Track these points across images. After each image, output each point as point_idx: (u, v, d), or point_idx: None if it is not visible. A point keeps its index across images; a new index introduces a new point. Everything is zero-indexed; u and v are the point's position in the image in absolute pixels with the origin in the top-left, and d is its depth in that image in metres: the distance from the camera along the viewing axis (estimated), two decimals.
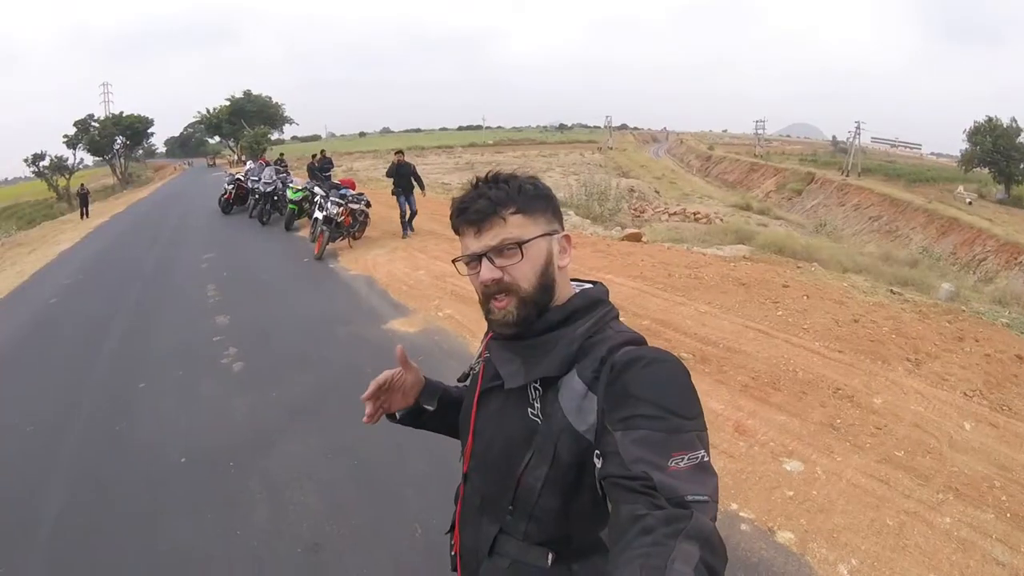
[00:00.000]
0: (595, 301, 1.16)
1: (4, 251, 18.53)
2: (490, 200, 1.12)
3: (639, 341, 1.10)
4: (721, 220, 24.96)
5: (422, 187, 12.20)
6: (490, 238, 1.12)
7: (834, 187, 46.10)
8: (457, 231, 1.18)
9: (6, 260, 16.12)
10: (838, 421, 4.22)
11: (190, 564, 3.11)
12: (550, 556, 1.11)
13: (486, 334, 1.29)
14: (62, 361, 6.47)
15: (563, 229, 1.20)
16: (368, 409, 1.34)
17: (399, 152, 12.37)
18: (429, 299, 7.63)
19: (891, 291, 7.35)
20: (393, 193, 12.03)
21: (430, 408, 1.43)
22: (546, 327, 1.13)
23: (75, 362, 6.36)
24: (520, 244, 1.11)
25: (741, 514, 3.28)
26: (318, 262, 10.45)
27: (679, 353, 5.29)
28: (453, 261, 1.22)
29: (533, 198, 1.14)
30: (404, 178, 11.82)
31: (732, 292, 7.12)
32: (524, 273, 1.11)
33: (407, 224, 12.09)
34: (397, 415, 1.44)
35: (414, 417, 1.45)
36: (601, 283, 1.24)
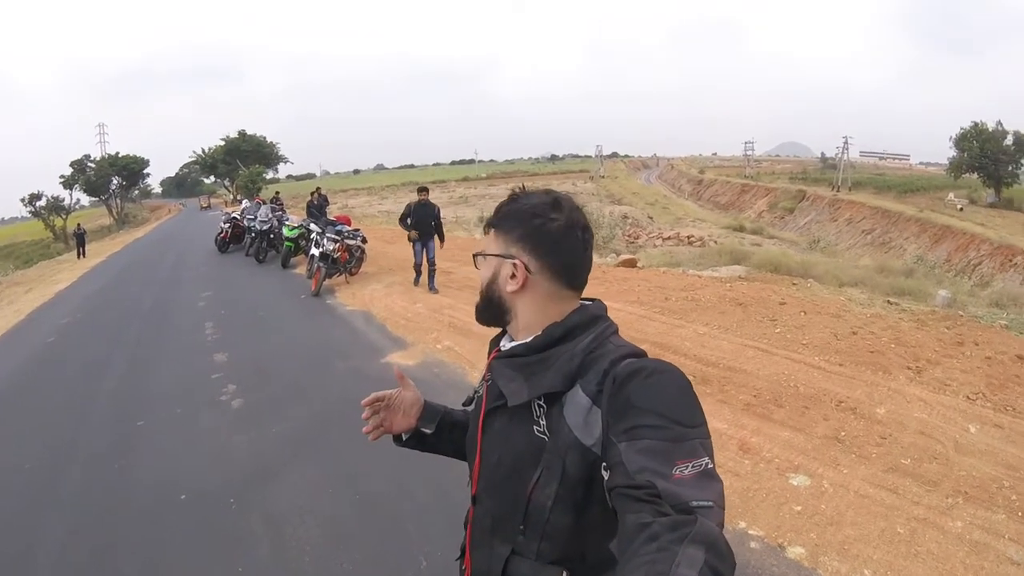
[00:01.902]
0: (594, 317, 1.16)
1: (1, 290, 18.53)
2: (492, 214, 1.23)
3: (640, 354, 1.10)
4: (715, 242, 25.09)
5: (441, 237, 10.39)
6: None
7: (825, 203, 46.41)
8: None
9: (3, 299, 16.11)
10: (842, 433, 4.20)
11: None
12: (564, 575, 1.10)
13: (489, 354, 1.29)
14: (60, 399, 6.42)
15: (531, 259, 1.15)
16: (366, 414, 1.41)
17: (423, 190, 10.37)
18: (427, 332, 7.63)
19: (888, 302, 7.38)
20: (410, 239, 10.19)
21: (428, 431, 1.45)
22: (546, 343, 1.13)
23: (73, 400, 6.31)
24: (476, 255, 1.24)
25: (750, 532, 3.24)
26: (315, 298, 10.43)
27: None
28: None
29: (504, 218, 1.20)
30: (425, 222, 10.03)
31: (729, 312, 7.13)
32: (481, 279, 1.23)
33: (430, 276, 10.27)
34: (403, 437, 1.47)
35: (418, 440, 1.47)
36: (599, 300, 1.24)
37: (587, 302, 1.22)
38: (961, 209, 37.19)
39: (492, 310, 1.22)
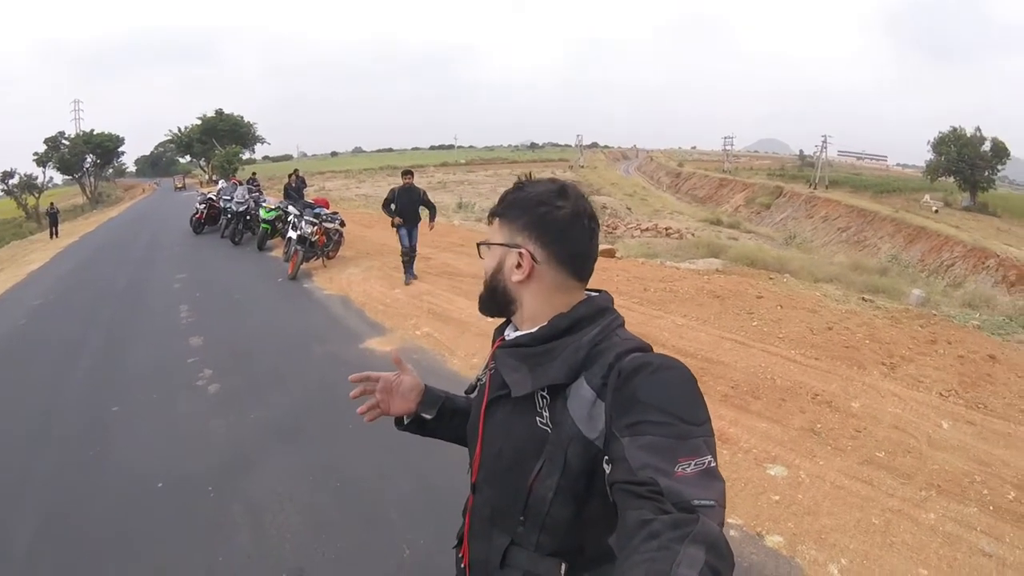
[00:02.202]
0: (601, 309, 1.16)
1: None
2: (497, 203, 1.21)
3: (645, 348, 1.09)
4: (692, 235, 25.27)
5: (433, 215, 10.11)
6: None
7: (802, 200, 46.86)
8: None
9: None
10: (818, 426, 4.27)
11: None
12: (563, 567, 1.10)
13: (493, 343, 1.28)
14: (33, 384, 6.28)
15: (536, 248, 1.15)
16: (356, 391, 1.42)
17: (407, 173, 9.76)
18: (406, 318, 7.60)
19: (863, 299, 7.49)
20: (394, 226, 9.59)
21: (428, 416, 1.43)
22: (552, 334, 1.12)
23: (47, 385, 6.18)
24: (480, 244, 1.24)
25: (729, 520, 3.27)
26: (292, 282, 10.36)
27: None
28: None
29: (509, 207, 1.18)
30: (411, 208, 9.52)
31: (707, 304, 7.19)
32: (485, 269, 1.22)
33: (409, 266, 9.73)
34: (405, 421, 1.45)
35: (418, 425, 1.46)
36: (606, 292, 1.23)
37: (594, 293, 1.22)
38: (936, 211, 37.74)
39: (497, 300, 1.21)
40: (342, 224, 11.59)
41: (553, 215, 1.13)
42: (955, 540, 3.05)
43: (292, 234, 10.90)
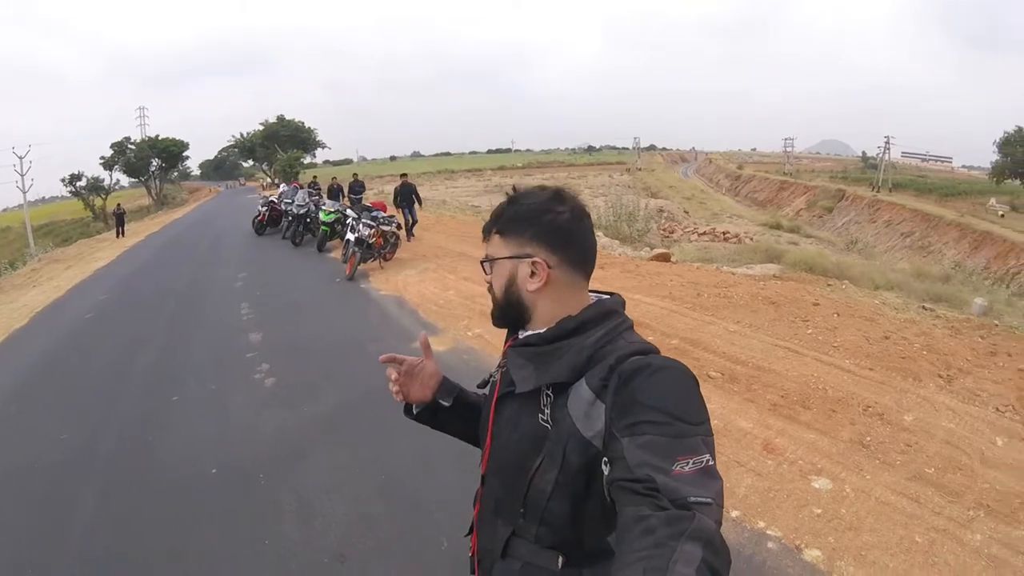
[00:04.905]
0: (608, 312, 1.19)
1: (41, 267, 18.96)
2: (492, 219, 1.26)
3: (649, 351, 1.12)
4: (751, 239, 24.79)
5: (419, 203, 16.15)
6: (484, 251, 1.28)
7: (865, 204, 45.46)
8: None
9: (43, 275, 16.55)
10: (868, 439, 4.18)
11: (217, 571, 3.20)
12: (560, 559, 1.14)
13: (505, 343, 1.33)
14: (97, 373, 6.65)
15: (548, 254, 1.19)
16: (389, 371, 1.43)
17: (404, 175, 16.89)
18: (459, 319, 7.70)
19: (923, 307, 7.28)
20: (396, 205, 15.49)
21: (445, 404, 1.46)
22: (558, 335, 1.16)
23: (110, 374, 6.54)
24: (484, 262, 1.27)
25: (768, 532, 3.26)
26: (350, 282, 10.58)
27: (708, 372, 5.30)
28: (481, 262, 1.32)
29: (511, 221, 1.22)
30: (408, 196, 15.59)
31: (762, 311, 7.08)
32: (496, 285, 1.25)
33: (409, 231, 14.86)
34: (414, 410, 1.49)
35: (431, 414, 1.48)
36: (618, 294, 1.27)
37: (605, 296, 1.26)
38: (1003, 216, 35.87)
39: (512, 312, 1.24)
40: (399, 227, 11.85)
41: (557, 221, 1.19)
42: (1000, 563, 2.94)
43: (350, 236, 11.14)
